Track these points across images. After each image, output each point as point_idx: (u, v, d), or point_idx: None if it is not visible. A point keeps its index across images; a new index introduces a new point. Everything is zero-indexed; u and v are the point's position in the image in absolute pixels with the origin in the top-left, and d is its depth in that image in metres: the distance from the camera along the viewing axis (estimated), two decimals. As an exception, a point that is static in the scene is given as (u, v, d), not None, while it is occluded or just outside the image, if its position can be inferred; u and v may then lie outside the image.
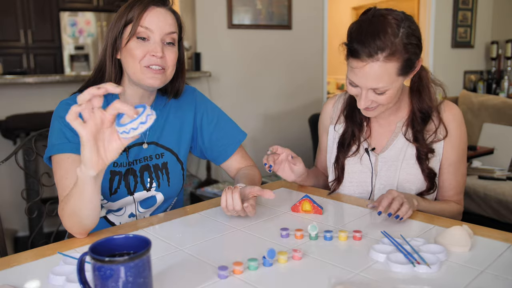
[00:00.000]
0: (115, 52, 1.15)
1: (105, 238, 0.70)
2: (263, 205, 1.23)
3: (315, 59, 3.80)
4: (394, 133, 1.30)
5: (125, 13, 1.12)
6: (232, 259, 0.87)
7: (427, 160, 1.25)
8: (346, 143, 1.33)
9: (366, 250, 0.91)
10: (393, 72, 1.12)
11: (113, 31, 1.14)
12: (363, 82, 1.14)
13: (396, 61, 1.10)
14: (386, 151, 1.29)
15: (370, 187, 1.31)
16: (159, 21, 1.12)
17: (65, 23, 4.89)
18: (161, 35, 1.12)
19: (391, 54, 1.09)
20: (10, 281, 0.82)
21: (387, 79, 1.12)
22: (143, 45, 1.11)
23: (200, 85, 3.31)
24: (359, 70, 1.12)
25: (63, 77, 2.96)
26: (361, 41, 1.10)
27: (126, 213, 1.24)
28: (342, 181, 1.33)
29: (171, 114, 1.28)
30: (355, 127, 1.33)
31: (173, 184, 1.27)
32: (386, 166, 1.29)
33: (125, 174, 1.19)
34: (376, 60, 1.09)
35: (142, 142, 1.22)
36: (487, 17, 4.60)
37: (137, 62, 1.11)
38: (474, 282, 0.78)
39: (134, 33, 1.11)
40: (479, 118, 3.69)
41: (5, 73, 3.28)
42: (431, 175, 1.26)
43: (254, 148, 3.58)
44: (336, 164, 1.34)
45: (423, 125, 1.26)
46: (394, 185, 1.27)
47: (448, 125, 1.26)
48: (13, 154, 1.38)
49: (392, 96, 1.17)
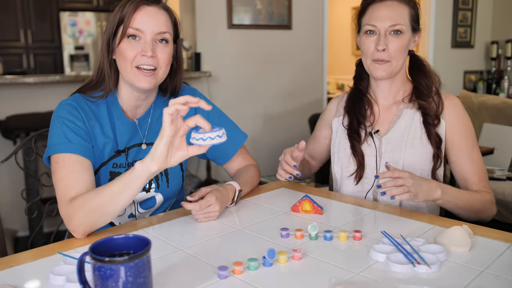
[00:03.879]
0: (111, 53, 1.14)
1: (105, 238, 0.70)
2: (263, 205, 1.23)
3: (315, 59, 3.80)
4: (396, 115, 1.34)
5: (117, 13, 1.12)
6: (232, 259, 0.87)
7: (434, 125, 1.28)
8: (355, 131, 1.35)
9: (366, 250, 0.91)
10: (406, 13, 1.26)
11: (107, 31, 1.14)
12: (382, 19, 1.25)
13: (407, 6, 1.27)
14: (389, 133, 1.32)
15: (375, 170, 1.33)
16: (150, 20, 1.10)
17: (65, 23, 4.89)
18: (152, 35, 1.10)
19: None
20: (10, 281, 0.81)
21: (403, 18, 1.26)
22: (134, 46, 1.10)
23: (200, 85, 3.31)
24: (379, 9, 1.26)
25: (63, 77, 2.96)
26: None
27: (126, 213, 1.24)
28: (365, 167, 1.34)
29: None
30: (359, 116, 1.37)
31: (173, 185, 1.27)
32: (390, 148, 1.31)
33: None
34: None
35: (141, 143, 1.22)
36: (487, 17, 4.60)
37: (128, 63, 1.10)
38: (474, 282, 0.78)
39: (125, 34, 1.10)
40: (479, 118, 3.69)
41: (5, 73, 3.28)
42: (437, 140, 1.28)
43: (254, 148, 3.57)
44: (354, 152, 1.35)
45: (427, 96, 1.31)
46: (399, 166, 1.28)
47: (450, 111, 1.30)
48: (13, 154, 1.38)
49: (403, 46, 1.26)
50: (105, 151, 1.17)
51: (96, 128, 1.15)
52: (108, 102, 1.19)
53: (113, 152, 1.18)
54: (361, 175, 1.34)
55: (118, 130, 1.19)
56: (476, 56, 4.61)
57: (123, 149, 1.19)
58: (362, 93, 1.40)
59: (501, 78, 4.45)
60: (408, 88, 1.36)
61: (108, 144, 1.17)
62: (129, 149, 1.20)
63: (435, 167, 1.29)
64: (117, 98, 1.20)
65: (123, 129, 1.20)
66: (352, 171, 1.35)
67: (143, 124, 1.23)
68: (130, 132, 1.20)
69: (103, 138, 1.16)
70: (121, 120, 1.20)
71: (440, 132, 1.29)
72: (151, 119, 1.24)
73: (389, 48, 1.25)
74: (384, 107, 1.37)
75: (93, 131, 1.14)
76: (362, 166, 1.34)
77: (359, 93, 1.40)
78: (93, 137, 1.14)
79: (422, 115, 1.30)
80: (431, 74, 1.33)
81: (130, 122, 1.21)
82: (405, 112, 1.33)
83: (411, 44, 1.31)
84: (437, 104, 1.30)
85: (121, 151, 1.19)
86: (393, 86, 1.35)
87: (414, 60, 1.37)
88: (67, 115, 1.11)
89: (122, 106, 1.20)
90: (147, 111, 1.24)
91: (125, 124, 1.20)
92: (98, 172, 1.17)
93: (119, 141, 1.19)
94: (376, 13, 1.26)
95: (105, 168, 1.17)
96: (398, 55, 1.26)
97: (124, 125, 1.20)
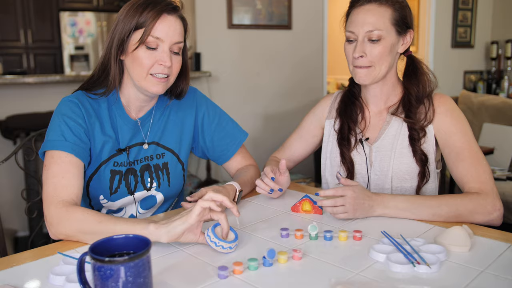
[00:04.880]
0: (120, 54, 1.13)
1: (105, 238, 0.70)
2: (263, 205, 1.23)
3: (315, 59, 3.80)
4: (386, 121, 1.31)
5: (135, 16, 1.09)
6: (232, 259, 0.87)
7: (420, 141, 1.24)
8: (345, 137, 1.34)
9: (366, 250, 0.91)
10: (387, 16, 1.21)
11: (120, 31, 1.11)
12: (359, 25, 1.21)
13: (390, 8, 1.21)
14: (379, 141, 1.30)
15: (366, 177, 1.31)
16: (169, 30, 1.10)
17: (65, 23, 4.89)
18: (170, 45, 1.11)
19: (385, 0, 1.21)
20: (10, 281, 0.82)
21: (382, 23, 1.20)
22: (151, 54, 1.10)
23: (200, 85, 3.31)
24: (357, 14, 1.22)
25: (63, 77, 2.96)
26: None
27: (127, 214, 1.24)
28: (355, 174, 1.33)
29: (172, 114, 1.28)
30: (350, 121, 1.34)
31: (174, 184, 1.27)
32: (380, 156, 1.29)
33: (125, 174, 1.19)
34: (373, 2, 1.21)
35: (143, 142, 1.22)
36: (487, 17, 4.60)
37: (145, 70, 1.11)
38: (474, 282, 0.78)
39: (144, 42, 1.09)
40: (479, 118, 3.69)
41: (5, 73, 3.28)
42: (423, 159, 1.24)
43: (254, 148, 3.58)
44: (343, 160, 1.33)
45: (416, 107, 1.26)
46: (389, 175, 1.27)
47: (441, 113, 1.24)
48: (13, 154, 1.39)
49: (385, 51, 1.21)
50: (105, 150, 1.17)
51: (96, 127, 1.15)
52: (110, 100, 1.19)
53: (114, 151, 1.18)
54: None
55: (120, 129, 1.19)
56: (476, 56, 4.61)
57: (125, 148, 1.19)
58: (355, 96, 1.37)
59: (501, 78, 4.45)
60: (399, 92, 1.32)
61: (108, 142, 1.17)
62: (130, 148, 1.20)
63: (419, 185, 1.26)
64: (119, 97, 1.20)
65: (125, 127, 1.20)
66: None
67: (145, 123, 1.23)
68: (132, 131, 1.21)
69: (102, 137, 1.16)
70: (124, 119, 1.20)
71: (429, 141, 1.25)
72: (153, 118, 1.24)
73: (368, 54, 1.21)
74: (375, 112, 1.34)
75: (92, 129, 1.14)
76: (352, 173, 1.32)
77: (352, 96, 1.38)
78: (92, 135, 1.14)
79: (408, 129, 1.26)
80: (424, 79, 1.27)
81: (132, 121, 1.21)
82: (394, 119, 1.30)
83: (399, 46, 1.25)
84: (427, 110, 1.25)
85: (122, 150, 1.19)
86: (383, 90, 1.31)
87: (409, 62, 1.31)
88: (68, 112, 1.11)
89: (125, 105, 1.20)
90: (149, 111, 1.24)
91: (127, 123, 1.20)
92: (98, 170, 1.17)
93: (120, 140, 1.19)
94: (355, 18, 1.22)
95: (106, 166, 1.17)
96: (380, 60, 1.22)
97: (126, 123, 1.20)
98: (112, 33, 1.13)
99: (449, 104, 1.26)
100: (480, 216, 1.07)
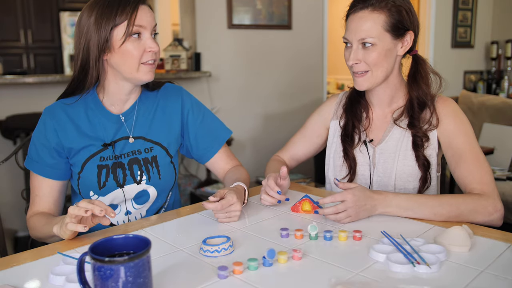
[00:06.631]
0: (102, 54, 1.15)
1: (105, 238, 0.70)
2: (263, 205, 1.23)
3: (315, 59, 3.80)
4: (390, 124, 1.31)
5: (110, 17, 1.11)
6: (232, 259, 0.87)
7: (423, 147, 1.25)
8: (349, 134, 1.34)
9: (366, 250, 0.91)
10: (379, 23, 1.19)
11: (97, 34, 1.12)
12: (353, 32, 1.22)
13: (383, 14, 1.19)
14: (383, 143, 1.30)
15: (369, 179, 1.31)
16: (147, 17, 1.16)
17: (65, 23, 4.89)
18: (150, 30, 1.16)
19: (379, 6, 1.20)
20: (10, 281, 0.82)
21: (374, 30, 1.19)
22: (138, 44, 1.14)
23: (200, 85, 3.31)
24: (351, 22, 1.23)
25: (63, 77, 2.96)
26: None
27: (122, 211, 1.25)
28: (356, 175, 1.32)
29: (159, 111, 1.30)
30: (355, 119, 1.35)
31: (164, 177, 1.28)
32: (383, 158, 1.29)
33: (112, 167, 1.22)
34: (365, 8, 1.20)
35: (128, 136, 1.24)
36: (487, 17, 4.60)
37: (135, 61, 1.15)
38: (474, 282, 0.78)
39: (131, 33, 1.13)
40: (479, 118, 3.69)
41: (5, 73, 3.28)
42: (426, 164, 1.25)
43: (254, 148, 3.58)
44: (346, 156, 1.33)
45: (419, 112, 1.26)
46: (392, 177, 1.27)
47: (445, 116, 1.24)
48: (13, 154, 1.39)
49: (380, 56, 1.20)
50: (88, 149, 1.20)
51: (71, 133, 1.20)
52: (87, 100, 1.22)
53: (100, 146, 1.21)
54: (352, 180, 1.33)
55: (102, 125, 1.22)
56: (476, 56, 4.61)
57: (110, 143, 1.22)
58: (360, 95, 1.38)
59: (501, 78, 4.45)
60: (404, 94, 1.31)
61: (89, 142, 1.20)
62: (115, 142, 1.22)
63: (420, 190, 1.26)
64: (96, 95, 1.23)
65: (108, 123, 1.23)
66: (344, 176, 1.34)
67: (128, 118, 1.26)
68: (115, 126, 1.23)
69: (81, 138, 1.20)
70: (105, 115, 1.23)
71: (431, 145, 1.25)
72: (137, 113, 1.26)
73: (363, 60, 1.22)
74: (379, 114, 1.34)
75: (66, 135, 1.20)
76: (354, 171, 1.32)
77: (358, 95, 1.38)
78: (68, 141, 1.20)
79: (412, 135, 1.26)
80: (423, 84, 1.26)
81: (115, 116, 1.24)
82: (395, 116, 1.30)
83: (398, 49, 1.24)
84: (431, 115, 1.25)
85: (108, 144, 1.21)
86: (386, 93, 1.31)
87: (412, 64, 1.29)
88: (36, 132, 1.22)
89: (106, 101, 1.24)
90: (132, 106, 1.26)
91: (109, 119, 1.23)
92: (84, 167, 1.20)
93: (105, 136, 1.22)
94: (349, 25, 1.23)
95: (92, 162, 1.20)
96: (376, 65, 1.21)
97: (108, 119, 1.23)
98: (84, 36, 1.14)
99: (452, 107, 1.26)
100: (480, 216, 1.08)
